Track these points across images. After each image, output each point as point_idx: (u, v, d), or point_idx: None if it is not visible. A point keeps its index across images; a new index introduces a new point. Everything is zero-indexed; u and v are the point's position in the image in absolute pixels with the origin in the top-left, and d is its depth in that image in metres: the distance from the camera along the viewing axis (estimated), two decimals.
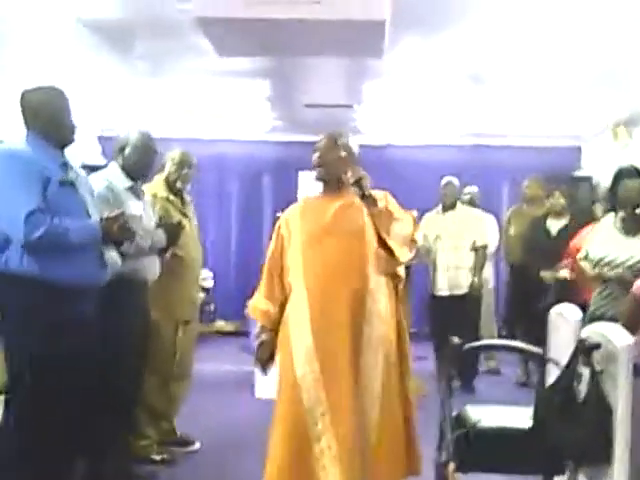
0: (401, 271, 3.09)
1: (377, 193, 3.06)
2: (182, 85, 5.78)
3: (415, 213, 3.25)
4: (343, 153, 3.04)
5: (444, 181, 5.78)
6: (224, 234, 8.22)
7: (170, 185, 3.94)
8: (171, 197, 3.92)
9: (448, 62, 4.95)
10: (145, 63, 5.12)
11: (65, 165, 2.88)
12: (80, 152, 4.34)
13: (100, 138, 7.71)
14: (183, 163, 3.96)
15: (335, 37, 3.40)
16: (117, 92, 6.09)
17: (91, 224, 2.86)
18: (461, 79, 5.42)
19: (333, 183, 3.06)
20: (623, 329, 2.83)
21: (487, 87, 5.67)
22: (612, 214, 3.80)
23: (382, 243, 2.97)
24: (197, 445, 4.05)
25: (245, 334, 7.05)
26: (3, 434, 2.78)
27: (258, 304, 3.04)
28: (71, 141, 2.94)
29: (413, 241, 3.08)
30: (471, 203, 6.39)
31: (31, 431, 2.72)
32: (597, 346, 2.66)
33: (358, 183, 2.98)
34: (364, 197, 2.98)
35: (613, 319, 3.16)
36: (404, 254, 3.00)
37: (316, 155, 3.05)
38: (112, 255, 3.00)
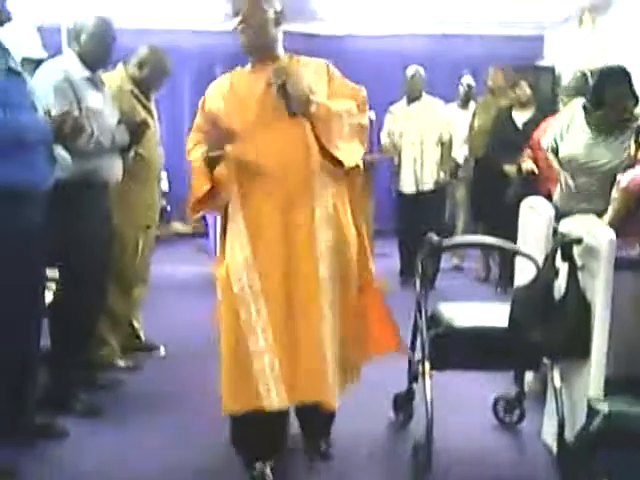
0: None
1: (315, 64, 2.55)
2: None
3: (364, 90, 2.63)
4: (272, 14, 2.46)
5: (410, 71, 5.54)
6: (177, 131, 7.84)
7: (140, 83, 3.65)
8: (136, 91, 3.63)
9: None
10: None
11: (5, 52, 2.59)
12: (19, 45, 4.00)
13: (40, 29, 7.19)
14: (163, 71, 3.72)
15: None
16: None
17: (43, 120, 2.61)
18: None
19: (264, 52, 2.51)
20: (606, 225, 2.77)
21: None
22: (580, 110, 3.64)
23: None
24: (162, 350, 3.97)
25: (202, 235, 6.91)
26: None
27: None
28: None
29: (363, 127, 2.56)
30: (468, 95, 6.23)
31: None
32: (579, 240, 2.59)
33: (282, 88, 2.34)
34: (290, 110, 2.36)
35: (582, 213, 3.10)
36: (355, 151, 2.50)
37: (238, 18, 2.43)
38: (61, 153, 2.76)
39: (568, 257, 2.60)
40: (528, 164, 4.86)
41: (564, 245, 2.60)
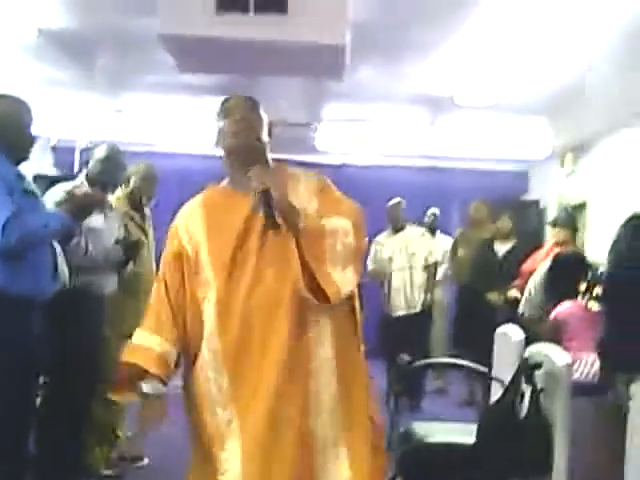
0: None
1: (305, 177, 2.25)
2: (140, 99, 5.79)
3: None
4: (265, 120, 2.20)
5: (391, 203, 5.87)
6: None
7: (133, 199, 3.92)
8: (131, 212, 3.91)
9: (405, 87, 5.08)
10: (105, 76, 5.13)
11: (20, 176, 2.86)
12: (32, 162, 4.33)
13: (53, 148, 7.63)
14: (148, 177, 3.95)
15: (297, 59, 3.45)
16: (74, 103, 6.07)
17: (56, 214, 2.83)
18: (417, 103, 5.56)
19: (254, 157, 2.13)
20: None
21: (441, 111, 5.83)
22: None
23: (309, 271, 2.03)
24: (146, 460, 4.03)
25: None
26: None
27: (139, 341, 2.19)
28: (28, 155, 2.90)
29: (360, 249, 2.17)
30: (433, 225, 6.54)
31: None
32: (539, 365, 2.77)
33: (265, 195, 2.03)
34: (272, 221, 2.04)
35: None
36: (346, 280, 2.07)
37: (234, 117, 2.14)
38: (63, 269, 2.98)
39: (530, 380, 2.77)
40: (513, 292, 5.10)
41: (526, 369, 2.78)
